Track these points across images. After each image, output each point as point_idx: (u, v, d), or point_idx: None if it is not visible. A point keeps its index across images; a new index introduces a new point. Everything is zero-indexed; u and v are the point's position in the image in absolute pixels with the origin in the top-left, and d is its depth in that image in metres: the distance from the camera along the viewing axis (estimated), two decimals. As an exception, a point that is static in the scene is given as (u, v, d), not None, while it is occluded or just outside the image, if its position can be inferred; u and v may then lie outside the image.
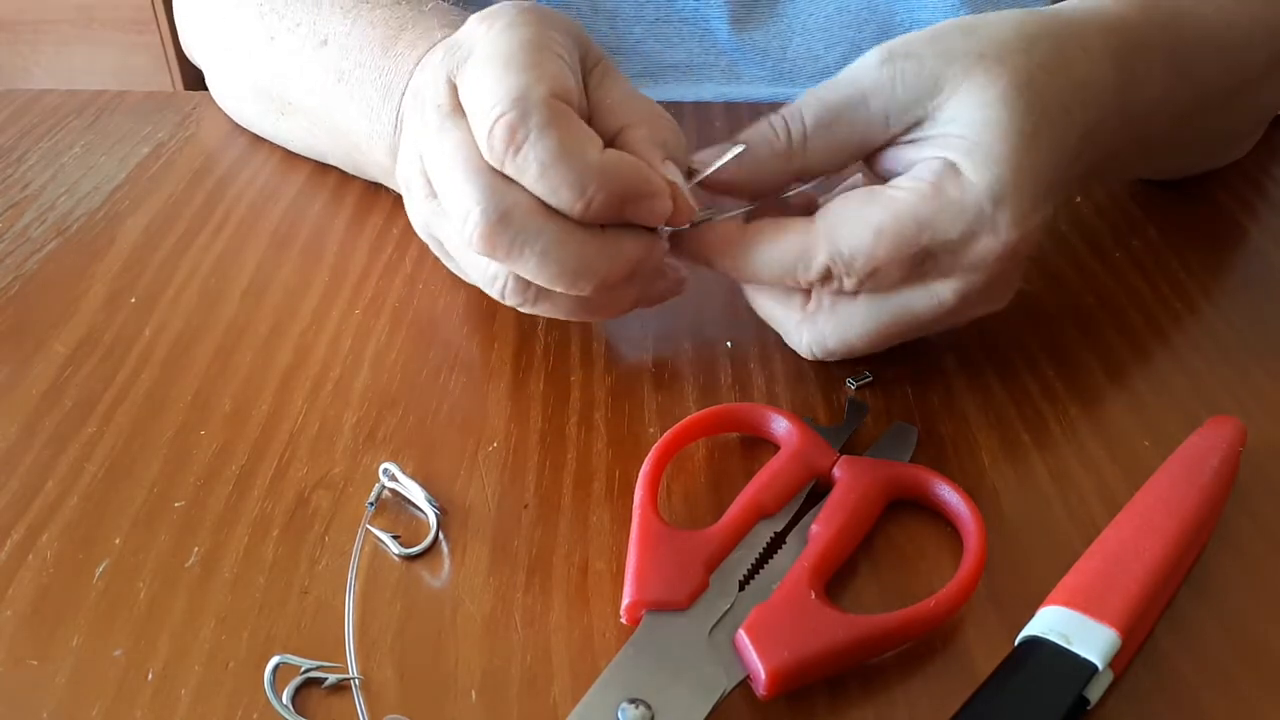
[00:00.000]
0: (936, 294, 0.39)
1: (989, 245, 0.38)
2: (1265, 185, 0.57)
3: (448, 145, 0.37)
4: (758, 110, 0.64)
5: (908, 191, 0.38)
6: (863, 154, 0.41)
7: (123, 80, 1.67)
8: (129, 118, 0.65)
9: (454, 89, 0.38)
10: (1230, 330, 0.47)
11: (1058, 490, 0.39)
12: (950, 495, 0.37)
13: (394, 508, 0.38)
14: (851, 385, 0.43)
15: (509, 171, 0.36)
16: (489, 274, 0.40)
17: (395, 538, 0.36)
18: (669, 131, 0.40)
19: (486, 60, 0.37)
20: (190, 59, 0.65)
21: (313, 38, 0.52)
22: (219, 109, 0.64)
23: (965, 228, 0.37)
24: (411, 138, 0.41)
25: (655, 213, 0.38)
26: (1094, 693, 0.30)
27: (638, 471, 0.37)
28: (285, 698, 0.31)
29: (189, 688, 0.32)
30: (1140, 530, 0.34)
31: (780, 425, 0.39)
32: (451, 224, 0.38)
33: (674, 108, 0.65)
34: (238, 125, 0.63)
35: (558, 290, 0.38)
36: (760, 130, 0.40)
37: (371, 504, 0.38)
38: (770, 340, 0.45)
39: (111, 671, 0.33)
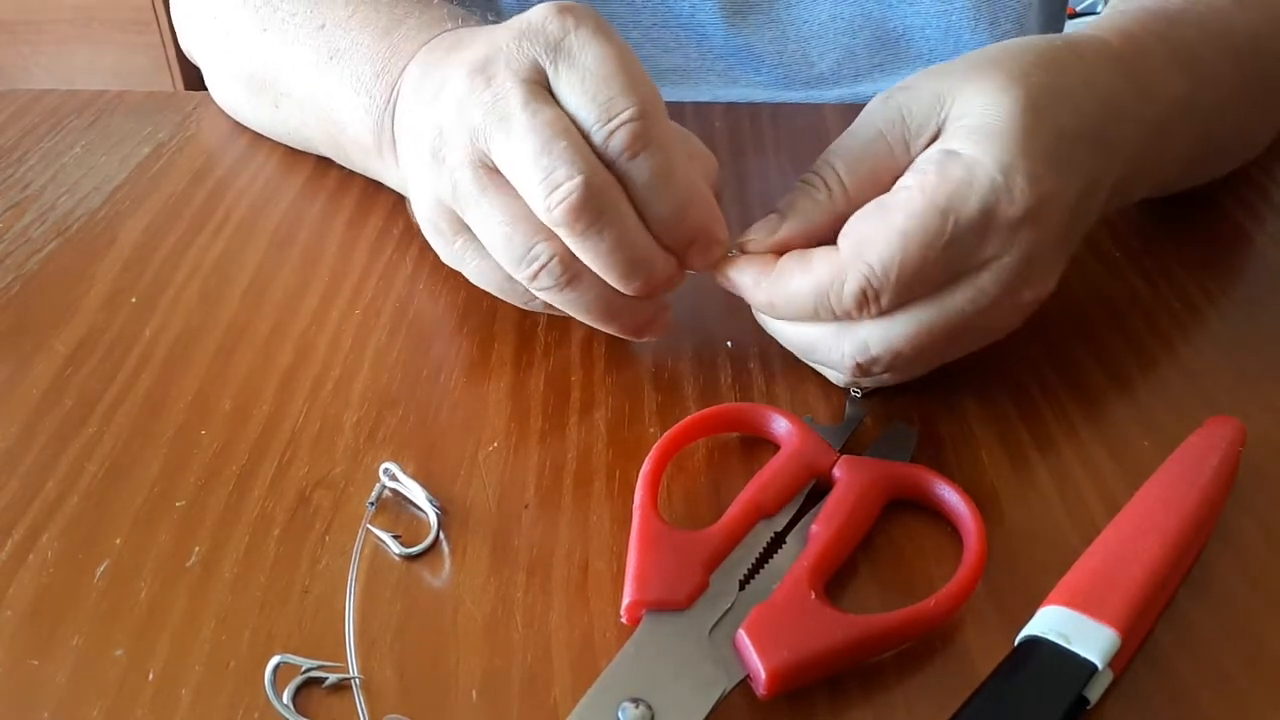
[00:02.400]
0: (976, 284, 0.38)
1: (1010, 214, 0.37)
2: (1265, 186, 0.57)
3: (546, 112, 0.37)
4: (758, 111, 0.64)
5: (914, 188, 0.37)
6: (894, 180, 0.40)
7: (123, 80, 1.68)
8: (129, 118, 0.65)
9: (542, 72, 0.38)
10: (1230, 330, 0.47)
11: (1058, 490, 0.39)
12: (950, 495, 0.37)
13: (394, 507, 0.38)
14: (857, 392, 0.42)
15: (617, 168, 0.37)
16: (531, 253, 0.39)
17: (396, 537, 0.36)
18: (712, 169, 0.42)
19: (602, 58, 0.37)
20: (189, 57, 0.66)
21: (309, 24, 0.53)
22: (219, 109, 0.64)
23: (982, 201, 0.37)
24: (469, 106, 0.39)
25: (711, 258, 0.40)
26: (1094, 692, 0.30)
27: (638, 471, 0.37)
28: (285, 697, 0.31)
29: (189, 688, 0.32)
30: (1140, 530, 0.34)
31: (780, 425, 0.39)
32: (532, 188, 0.37)
33: (674, 109, 0.65)
34: (238, 125, 0.63)
35: (608, 278, 0.39)
36: (799, 192, 0.40)
37: (372, 504, 0.38)
38: (770, 340, 0.44)
39: (112, 671, 0.33)
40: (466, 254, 0.42)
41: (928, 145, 0.39)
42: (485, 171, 0.39)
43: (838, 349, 0.40)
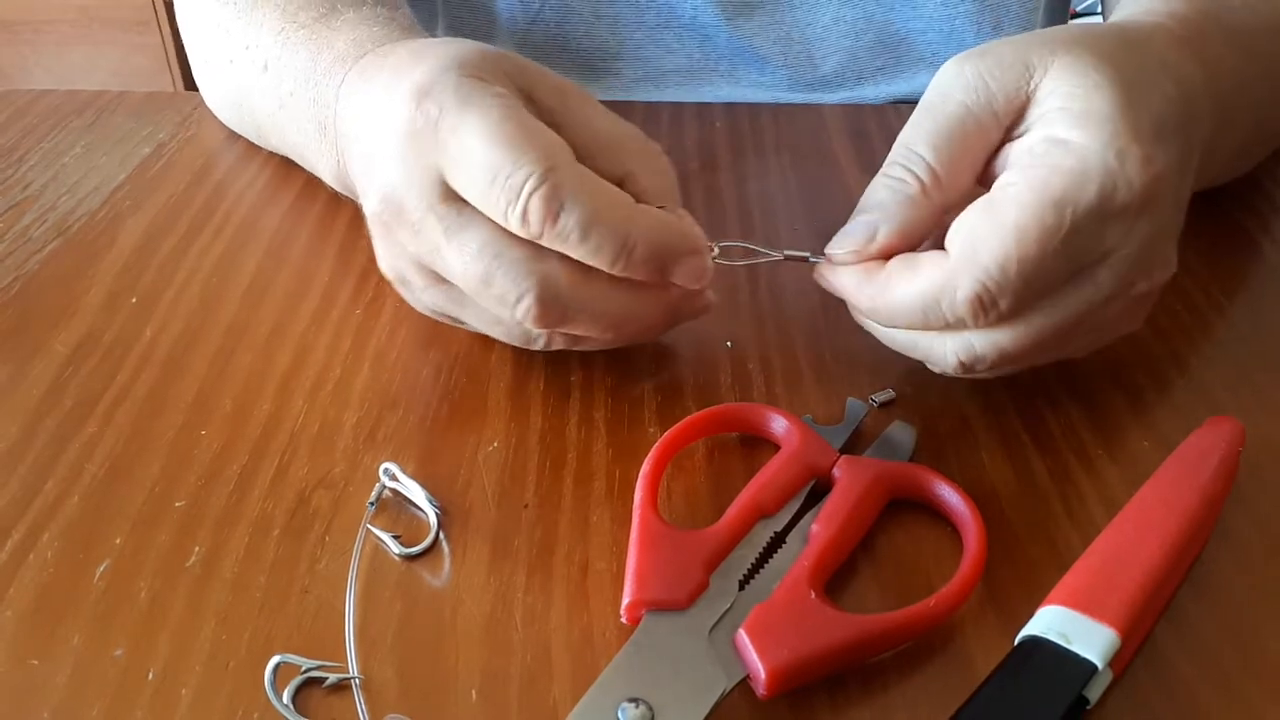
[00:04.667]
0: (1093, 280, 0.36)
1: (1127, 200, 0.35)
2: (1267, 186, 0.57)
3: (471, 239, 0.37)
4: (758, 112, 0.64)
5: (1020, 184, 0.35)
6: (986, 160, 0.39)
7: (123, 80, 1.68)
8: (129, 118, 0.65)
9: (445, 184, 0.37)
10: (1230, 330, 0.47)
11: (1058, 490, 0.39)
12: (950, 495, 0.37)
13: (394, 508, 0.38)
14: (874, 402, 0.42)
15: (546, 241, 0.36)
16: (530, 336, 0.40)
17: (395, 537, 0.36)
18: (668, 178, 0.40)
19: (483, 144, 0.36)
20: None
21: (258, 61, 0.53)
22: (219, 109, 0.65)
23: (1100, 189, 0.35)
24: (396, 239, 0.39)
25: (698, 271, 0.39)
26: (1093, 692, 0.30)
27: (638, 471, 0.37)
28: (285, 697, 0.31)
29: (189, 688, 0.32)
30: (1140, 530, 0.34)
31: (780, 425, 0.39)
32: (490, 309, 0.38)
33: (675, 109, 0.65)
34: (237, 126, 0.63)
35: (607, 337, 0.40)
36: (885, 189, 0.38)
37: (372, 504, 0.38)
38: (770, 340, 0.45)
39: (112, 671, 0.33)
40: (487, 332, 0.42)
41: (1017, 117, 0.37)
42: (450, 287, 0.40)
43: (940, 348, 0.38)
